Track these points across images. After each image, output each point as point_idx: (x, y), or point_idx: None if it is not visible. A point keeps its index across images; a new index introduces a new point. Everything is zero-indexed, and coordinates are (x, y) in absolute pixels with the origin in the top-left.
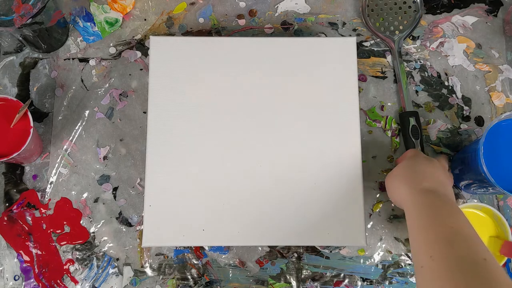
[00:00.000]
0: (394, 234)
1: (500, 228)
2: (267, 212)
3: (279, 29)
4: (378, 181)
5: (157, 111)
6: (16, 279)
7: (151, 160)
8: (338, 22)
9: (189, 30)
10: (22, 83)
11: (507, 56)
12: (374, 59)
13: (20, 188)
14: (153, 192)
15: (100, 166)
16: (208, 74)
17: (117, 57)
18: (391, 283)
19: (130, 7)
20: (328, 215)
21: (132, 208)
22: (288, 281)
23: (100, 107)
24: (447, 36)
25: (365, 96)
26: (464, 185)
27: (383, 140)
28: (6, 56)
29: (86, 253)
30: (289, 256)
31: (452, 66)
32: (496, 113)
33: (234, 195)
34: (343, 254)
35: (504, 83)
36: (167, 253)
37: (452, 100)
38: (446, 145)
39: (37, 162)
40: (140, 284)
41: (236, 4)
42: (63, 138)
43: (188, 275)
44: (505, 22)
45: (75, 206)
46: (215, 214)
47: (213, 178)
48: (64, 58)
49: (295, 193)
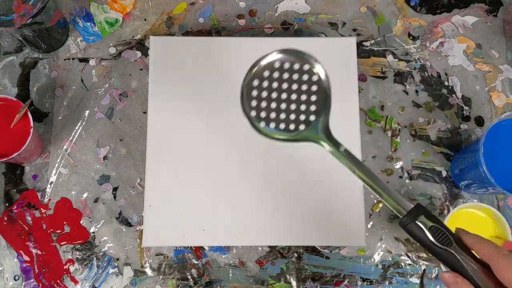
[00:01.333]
0: (394, 234)
1: (500, 228)
2: (267, 212)
3: (279, 29)
4: None
5: (157, 111)
6: (16, 279)
7: (151, 160)
8: (338, 22)
9: (189, 30)
10: (22, 83)
11: (507, 56)
12: (374, 59)
13: (20, 188)
14: (153, 192)
15: (100, 166)
16: (208, 74)
17: (117, 57)
18: (391, 283)
19: (130, 7)
20: (328, 215)
21: (132, 208)
22: (288, 281)
23: (100, 107)
24: (447, 36)
25: (365, 96)
26: (464, 185)
27: (383, 140)
28: (6, 56)
29: (86, 253)
30: (289, 256)
31: (452, 66)
32: (496, 113)
33: (234, 195)
34: (343, 254)
35: (504, 83)
36: (167, 253)
37: (452, 100)
38: (446, 145)
39: (37, 162)
40: (140, 284)
41: (236, 4)
42: (63, 138)
43: (188, 275)
44: (505, 22)
45: (75, 206)
46: (215, 214)
47: (213, 178)
48: (64, 58)
49: (295, 193)
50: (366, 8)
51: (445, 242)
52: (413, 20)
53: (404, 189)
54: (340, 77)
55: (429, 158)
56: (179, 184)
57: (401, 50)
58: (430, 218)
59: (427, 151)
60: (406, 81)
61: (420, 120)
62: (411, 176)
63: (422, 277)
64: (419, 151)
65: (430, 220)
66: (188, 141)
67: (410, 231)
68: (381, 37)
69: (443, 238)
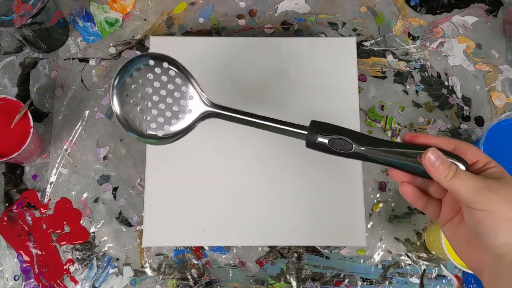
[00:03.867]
0: (394, 234)
1: None
2: (267, 212)
3: (279, 29)
4: (378, 181)
5: None
6: (16, 279)
7: (151, 160)
8: (338, 22)
9: (189, 30)
10: (22, 83)
11: (507, 56)
12: (374, 59)
13: (20, 188)
14: (153, 192)
15: (100, 166)
16: (207, 74)
17: (117, 57)
18: (391, 283)
19: (130, 7)
20: (328, 215)
21: (132, 208)
22: (288, 281)
23: (100, 107)
24: (447, 36)
25: (365, 96)
26: None
27: None
28: (6, 56)
29: (86, 253)
30: (289, 256)
31: (452, 66)
32: (496, 113)
33: (234, 195)
34: (343, 254)
35: (504, 83)
36: (167, 253)
37: (452, 100)
38: None
39: (37, 162)
40: (140, 284)
41: (236, 4)
42: (63, 138)
43: (188, 275)
44: (505, 22)
45: (75, 206)
46: (215, 214)
47: (213, 177)
48: (64, 58)
49: (295, 193)
50: (366, 8)
51: (346, 147)
52: (413, 20)
53: None
54: (340, 77)
55: None
56: (179, 184)
57: (401, 50)
58: (326, 133)
59: None
60: (406, 81)
61: (420, 120)
62: None
63: (422, 277)
64: None
65: (326, 134)
66: (188, 141)
67: (318, 150)
68: (381, 37)
69: (343, 145)
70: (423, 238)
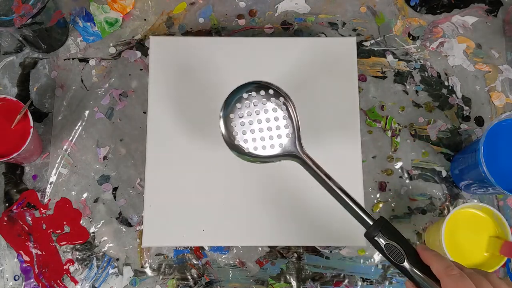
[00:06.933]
0: None
1: (500, 228)
2: (267, 212)
3: (279, 29)
4: (378, 181)
5: (157, 111)
6: (16, 279)
7: (151, 160)
8: (338, 22)
9: (189, 30)
10: (22, 83)
11: (507, 56)
12: (374, 59)
13: (20, 188)
14: (153, 192)
15: (100, 166)
16: (208, 74)
17: (117, 57)
18: (391, 283)
19: (130, 7)
20: (328, 215)
21: (132, 208)
22: (288, 281)
23: (100, 107)
24: (447, 36)
25: (365, 96)
26: (464, 185)
27: (383, 140)
28: (6, 56)
29: (86, 253)
30: (289, 256)
31: (452, 66)
32: (496, 113)
33: (234, 195)
34: (343, 254)
35: (504, 83)
36: (167, 253)
37: (452, 100)
38: (446, 145)
39: (37, 162)
40: (140, 284)
41: (236, 4)
42: (63, 138)
43: (188, 275)
44: (505, 22)
45: (75, 206)
46: (215, 214)
47: (213, 177)
48: (64, 58)
49: (295, 193)
50: (366, 8)
51: (398, 258)
52: (413, 20)
53: (404, 189)
54: (340, 77)
55: (429, 158)
56: (179, 184)
57: (401, 50)
58: (387, 235)
59: (427, 151)
60: (406, 81)
61: (420, 120)
62: (411, 176)
63: None
64: (419, 151)
65: (386, 237)
66: (188, 141)
67: (372, 244)
68: (381, 37)
69: (397, 255)
70: (423, 238)
